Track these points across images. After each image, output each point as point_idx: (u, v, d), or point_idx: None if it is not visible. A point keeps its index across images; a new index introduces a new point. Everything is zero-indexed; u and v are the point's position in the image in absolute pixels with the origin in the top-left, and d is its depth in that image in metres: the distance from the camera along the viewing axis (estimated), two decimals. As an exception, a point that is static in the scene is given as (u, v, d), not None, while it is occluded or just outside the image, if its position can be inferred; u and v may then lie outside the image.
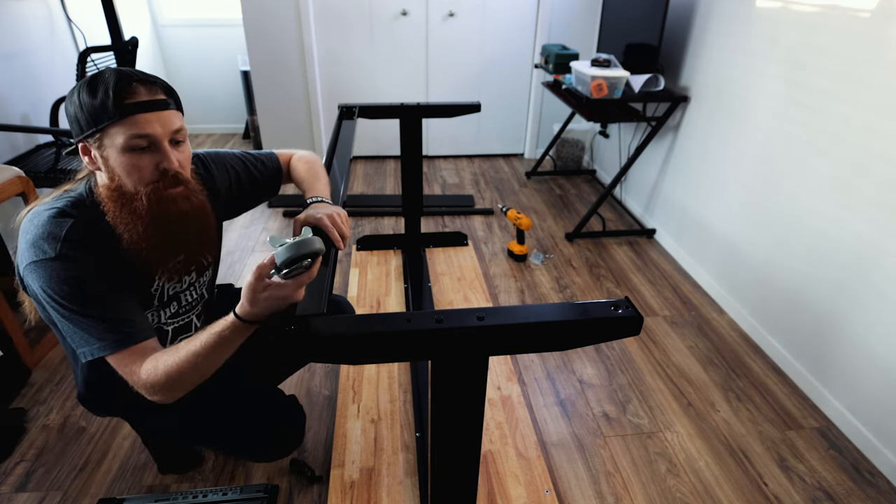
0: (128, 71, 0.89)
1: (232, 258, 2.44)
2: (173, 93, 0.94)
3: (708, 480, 1.43)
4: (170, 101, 0.92)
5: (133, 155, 0.89)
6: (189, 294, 1.16)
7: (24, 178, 1.80)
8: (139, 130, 0.87)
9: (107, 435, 1.52)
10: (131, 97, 0.86)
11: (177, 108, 0.94)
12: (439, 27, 3.30)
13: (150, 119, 0.88)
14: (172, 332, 1.17)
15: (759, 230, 1.94)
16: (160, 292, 1.09)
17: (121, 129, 0.86)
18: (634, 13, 2.46)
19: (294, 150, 1.33)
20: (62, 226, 0.89)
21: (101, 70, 0.90)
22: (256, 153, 1.28)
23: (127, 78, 0.87)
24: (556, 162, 3.53)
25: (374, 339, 0.70)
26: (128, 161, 0.89)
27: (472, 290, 2.13)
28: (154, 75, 0.93)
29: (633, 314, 0.74)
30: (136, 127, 0.87)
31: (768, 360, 1.88)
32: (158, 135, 0.89)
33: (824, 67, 1.61)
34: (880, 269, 1.45)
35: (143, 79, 0.90)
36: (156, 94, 0.90)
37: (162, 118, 0.90)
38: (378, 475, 1.35)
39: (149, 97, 0.88)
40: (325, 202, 1.11)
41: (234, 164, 1.21)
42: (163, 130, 0.90)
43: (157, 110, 0.89)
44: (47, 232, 0.89)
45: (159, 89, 0.91)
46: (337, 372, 1.75)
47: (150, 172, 0.91)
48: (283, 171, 1.30)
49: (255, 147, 3.82)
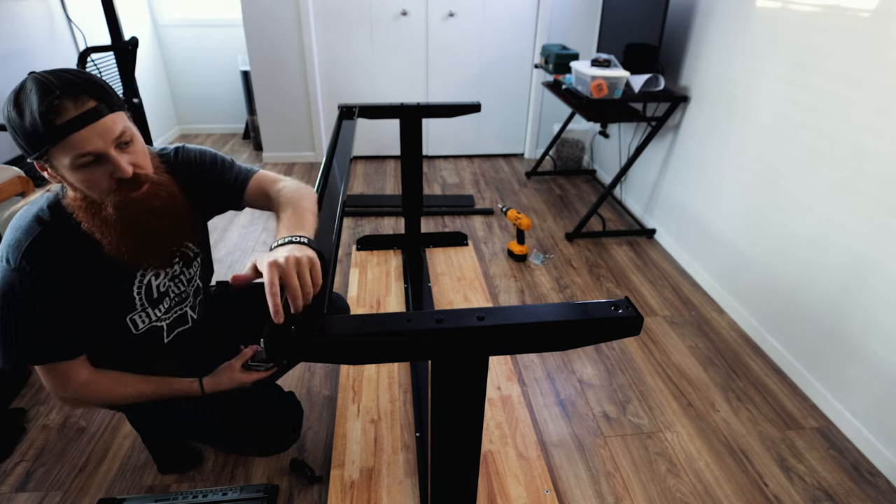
0: (49, 81, 0.81)
1: (232, 258, 2.44)
2: (104, 91, 0.86)
3: (708, 480, 1.43)
4: (101, 107, 0.84)
5: (84, 171, 0.86)
6: (178, 285, 1.16)
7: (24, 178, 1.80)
8: (79, 150, 0.83)
9: (107, 435, 1.52)
10: (59, 117, 0.80)
11: (112, 108, 0.86)
12: (439, 27, 3.30)
13: (87, 135, 0.82)
14: (167, 326, 1.16)
15: (759, 230, 1.94)
16: (145, 290, 1.09)
17: (60, 150, 0.82)
18: (634, 13, 2.46)
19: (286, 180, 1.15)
20: (30, 234, 0.91)
21: (24, 82, 0.82)
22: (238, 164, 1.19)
23: (49, 94, 0.80)
24: (556, 162, 3.53)
25: (374, 340, 0.70)
26: (81, 177, 0.87)
27: (472, 290, 2.13)
28: (78, 73, 0.84)
29: (633, 314, 0.74)
30: (74, 147, 0.82)
31: (768, 360, 1.88)
32: (100, 148, 0.84)
33: (824, 67, 1.61)
34: (880, 270, 1.45)
35: (68, 90, 0.81)
36: (84, 105, 0.82)
37: (98, 129, 0.83)
38: (378, 475, 1.35)
39: (77, 111, 0.81)
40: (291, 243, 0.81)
41: (207, 157, 1.15)
42: (103, 142, 0.84)
43: (91, 123, 0.82)
44: (16, 240, 0.91)
45: (87, 97, 0.82)
46: (337, 372, 1.75)
47: (107, 183, 0.89)
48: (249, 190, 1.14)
49: (255, 147, 3.82)
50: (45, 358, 0.98)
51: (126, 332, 1.09)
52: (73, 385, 1.01)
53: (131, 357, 1.13)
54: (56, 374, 1.00)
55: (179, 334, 1.20)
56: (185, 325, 1.21)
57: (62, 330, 0.97)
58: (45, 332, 0.95)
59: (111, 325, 1.07)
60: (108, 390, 1.06)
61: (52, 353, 0.98)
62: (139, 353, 1.14)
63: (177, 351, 1.20)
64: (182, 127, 4.12)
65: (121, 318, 1.07)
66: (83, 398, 1.05)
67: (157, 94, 3.75)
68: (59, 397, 1.04)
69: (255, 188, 1.15)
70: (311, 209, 1.02)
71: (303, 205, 1.02)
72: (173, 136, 4.02)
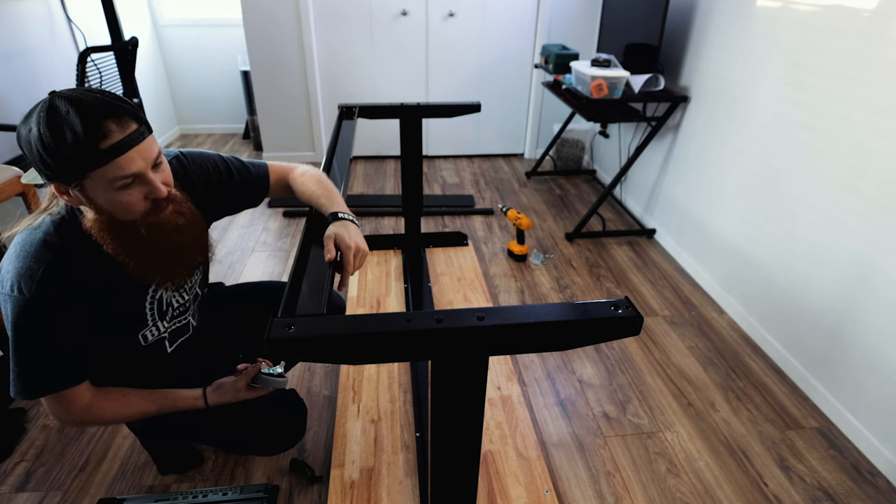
0: (92, 103, 0.79)
1: (232, 258, 2.44)
2: (140, 112, 0.86)
3: (708, 480, 1.43)
4: (143, 129, 0.84)
5: (121, 192, 0.85)
6: (182, 296, 1.16)
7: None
8: (123, 172, 0.82)
9: (107, 435, 1.52)
10: (106, 140, 0.79)
11: (149, 128, 0.87)
12: (439, 27, 3.30)
13: (132, 157, 0.82)
14: (170, 336, 1.16)
15: (759, 230, 1.94)
16: (157, 303, 1.09)
17: (102, 173, 0.81)
18: (634, 13, 2.46)
19: (295, 165, 1.26)
20: (41, 262, 0.88)
21: (53, 103, 0.79)
22: (247, 161, 1.22)
23: (95, 117, 0.78)
24: (556, 162, 3.53)
25: (374, 340, 0.70)
26: (117, 199, 0.86)
27: (472, 290, 2.13)
28: (109, 94, 0.83)
29: (633, 314, 0.74)
30: (118, 169, 0.81)
31: (768, 360, 1.88)
32: (142, 169, 0.85)
33: (824, 67, 1.61)
34: (880, 270, 1.45)
35: (111, 112, 0.80)
36: (129, 128, 0.82)
37: (141, 151, 0.84)
38: (378, 475, 1.35)
39: (123, 134, 0.81)
40: (353, 223, 1.05)
41: (213, 164, 1.15)
42: (145, 163, 0.85)
43: (136, 145, 0.83)
44: (27, 268, 0.88)
45: (129, 119, 0.82)
46: (337, 372, 1.75)
47: (142, 205, 0.89)
48: (272, 184, 1.23)
49: (255, 147, 3.82)
50: (58, 387, 0.95)
51: (134, 348, 1.09)
52: (76, 409, 0.99)
53: (135, 370, 1.13)
54: (60, 400, 0.98)
55: (181, 343, 1.20)
56: (186, 334, 1.21)
57: (73, 358, 0.95)
58: (61, 361, 0.94)
59: (122, 343, 1.07)
60: (112, 411, 1.05)
61: (61, 381, 0.96)
62: (143, 366, 1.13)
63: (179, 360, 1.20)
64: (182, 127, 4.12)
65: (133, 335, 1.07)
66: (86, 420, 1.03)
67: (157, 94, 3.75)
68: (62, 420, 1.01)
69: (276, 181, 1.23)
70: (336, 189, 1.18)
71: (329, 186, 1.17)
72: (173, 136, 4.02)
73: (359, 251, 0.99)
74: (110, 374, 1.09)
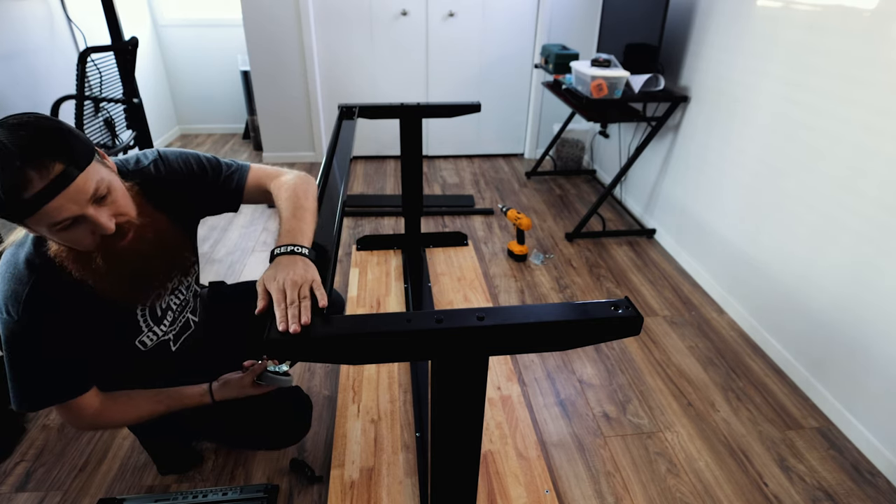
0: (9, 150, 0.72)
1: (232, 258, 2.44)
2: (67, 146, 0.76)
3: (708, 480, 1.43)
4: (69, 170, 0.76)
5: (63, 233, 0.81)
6: (178, 296, 1.16)
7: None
8: (54, 219, 0.77)
9: (107, 435, 1.52)
10: (26, 191, 0.73)
11: (80, 165, 0.77)
12: (439, 27, 3.30)
13: (59, 203, 0.76)
14: (174, 337, 1.16)
15: (759, 230, 1.94)
16: (149, 311, 1.09)
17: (35, 219, 0.77)
18: (634, 13, 2.46)
19: (283, 171, 1.13)
20: (25, 283, 0.88)
21: None
22: (228, 163, 1.12)
23: (11, 169, 0.71)
24: (556, 162, 3.53)
25: (374, 339, 0.70)
26: (63, 238, 0.83)
27: (472, 290, 2.13)
28: (36, 128, 0.75)
29: (633, 314, 0.74)
30: (48, 217, 0.77)
31: (768, 360, 1.87)
32: (75, 212, 0.78)
33: (825, 67, 1.61)
34: (880, 270, 1.45)
35: (30, 158, 0.73)
36: (51, 173, 0.74)
37: (70, 195, 0.76)
38: (378, 475, 1.35)
39: (44, 182, 0.73)
40: (295, 254, 0.85)
41: (187, 164, 1.08)
42: (78, 206, 0.78)
43: (61, 191, 0.75)
44: (12, 290, 0.88)
45: (53, 161, 0.74)
46: (337, 372, 1.75)
47: (90, 240, 0.85)
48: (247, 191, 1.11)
49: (255, 147, 3.82)
50: (58, 398, 0.97)
51: (135, 353, 1.09)
52: (86, 416, 1.02)
53: (141, 373, 1.13)
54: (69, 409, 1.00)
55: (185, 340, 1.20)
56: (189, 331, 1.21)
57: (72, 370, 0.97)
58: (56, 375, 0.95)
59: (120, 352, 1.07)
60: (122, 414, 1.07)
61: (64, 393, 0.97)
62: (149, 367, 1.14)
63: (184, 357, 1.20)
64: (182, 127, 4.11)
65: (129, 343, 1.07)
66: (98, 425, 1.06)
67: (156, 94, 3.75)
68: (75, 427, 1.05)
69: (252, 188, 1.11)
70: (310, 209, 1.01)
71: (303, 205, 1.00)
72: (173, 136, 4.02)
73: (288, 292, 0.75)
74: (117, 378, 1.10)
